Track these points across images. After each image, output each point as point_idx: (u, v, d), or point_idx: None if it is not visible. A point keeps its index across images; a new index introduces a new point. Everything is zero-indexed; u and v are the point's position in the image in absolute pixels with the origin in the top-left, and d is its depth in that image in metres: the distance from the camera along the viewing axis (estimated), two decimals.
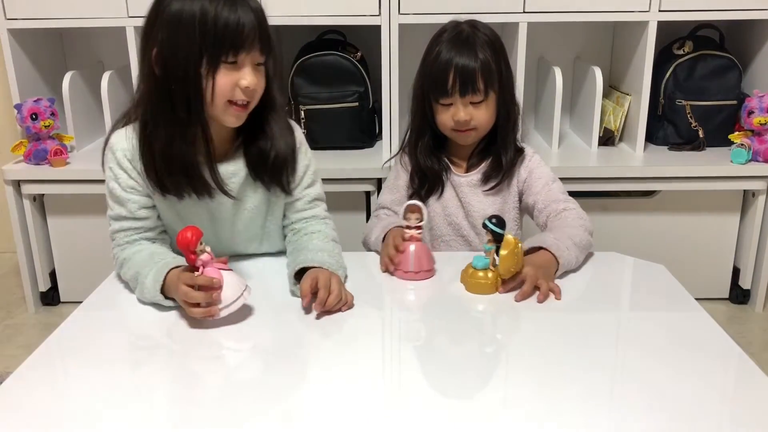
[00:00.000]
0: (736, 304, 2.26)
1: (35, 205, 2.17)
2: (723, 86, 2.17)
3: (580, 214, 1.36)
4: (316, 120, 2.18)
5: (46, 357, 1.00)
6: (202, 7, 1.11)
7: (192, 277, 1.06)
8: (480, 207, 1.44)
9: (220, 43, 1.12)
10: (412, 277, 1.23)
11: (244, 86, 1.16)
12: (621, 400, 0.87)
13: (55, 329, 1.06)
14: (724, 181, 2.08)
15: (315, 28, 2.30)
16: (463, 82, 1.34)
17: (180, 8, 1.12)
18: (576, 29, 2.36)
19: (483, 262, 1.17)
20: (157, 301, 1.12)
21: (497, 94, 1.37)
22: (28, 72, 2.22)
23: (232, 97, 1.16)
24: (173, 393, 0.91)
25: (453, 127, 1.38)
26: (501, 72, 1.37)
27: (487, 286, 1.16)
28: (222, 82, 1.15)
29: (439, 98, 1.37)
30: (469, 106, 1.36)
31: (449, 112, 1.37)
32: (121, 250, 1.23)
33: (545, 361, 0.96)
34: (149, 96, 1.18)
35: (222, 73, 1.14)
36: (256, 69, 1.17)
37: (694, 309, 1.13)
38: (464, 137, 1.41)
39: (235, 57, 1.14)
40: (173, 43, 1.13)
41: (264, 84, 1.20)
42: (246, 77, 1.15)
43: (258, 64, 1.17)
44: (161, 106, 1.16)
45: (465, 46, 1.35)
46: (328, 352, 1.00)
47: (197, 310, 1.06)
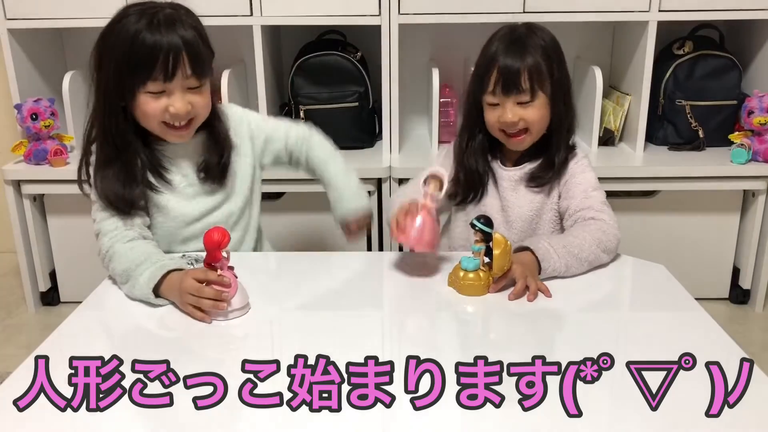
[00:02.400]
0: (736, 304, 2.26)
1: (35, 205, 2.17)
2: (723, 86, 2.17)
3: (604, 228, 1.27)
4: (316, 120, 2.17)
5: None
6: (126, 31, 1.14)
7: (204, 272, 1.06)
8: (518, 203, 1.39)
9: (137, 73, 1.14)
10: (411, 245, 1.20)
11: (172, 113, 1.17)
12: (620, 400, 0.87)
13: (55, 329, 1.06)
14: (724, 181, 2.08)
15: (315, 28, 2.30)
16: (506, 81, 1.29)
17: (108, 32, 1.16)
18: (576, 29, 2.36)
19: (473, 263, 1.15)
20: (148, 299, 1.12)
21: (549, 97, 1.32)
22: (28, 72, 2.22)
23: (164, 119, 1.18)
24: (173, 393, 0.91)
25: (501, 128, 1.33)
26: (552, 74, 1.32)
27: (480, 287, 1.15)
28: (148, 109, 1.17)
29: (483, 95, 1.33)
30: (516, 107, 1.30)
31: (496, 112, 1.32)
32: (112, 242, 1.22)
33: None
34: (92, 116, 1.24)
35: (144, 100, 1.16)
36: (189, 92, 1.17)
37: (694, 309, 1.12)
38: (517, 143, 1.34)
39: (159, 86, 1.15)
40: (100, 72, 1.18)
41: (206, 103, 1.22)
42: (174, 104, 1.16)
43: (192, 87, 1.18)
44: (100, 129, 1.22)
45: (514, 46, 1.31)
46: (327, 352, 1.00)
47: (206, 301, 1.05)
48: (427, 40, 2.39)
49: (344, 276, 1.29)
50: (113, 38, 1.15)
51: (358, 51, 2.24)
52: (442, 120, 2.21)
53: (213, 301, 1.05)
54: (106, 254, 1.22)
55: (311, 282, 1.24)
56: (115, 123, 1.20)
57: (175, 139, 1.22)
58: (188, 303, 1.07)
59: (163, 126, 1.20)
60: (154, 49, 1.12)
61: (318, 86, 2.18)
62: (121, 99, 1.18)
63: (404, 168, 2.06)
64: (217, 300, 1.05)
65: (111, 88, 1.17)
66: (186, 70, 1.15)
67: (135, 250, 1.19)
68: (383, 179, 2.07)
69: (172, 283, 1.11)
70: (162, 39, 1.12)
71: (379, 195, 2.10)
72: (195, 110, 1.20)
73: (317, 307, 1.18)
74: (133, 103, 1.18)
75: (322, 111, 2.17)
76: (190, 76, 1.16)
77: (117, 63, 1.15)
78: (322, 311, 1.17)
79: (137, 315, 1.12)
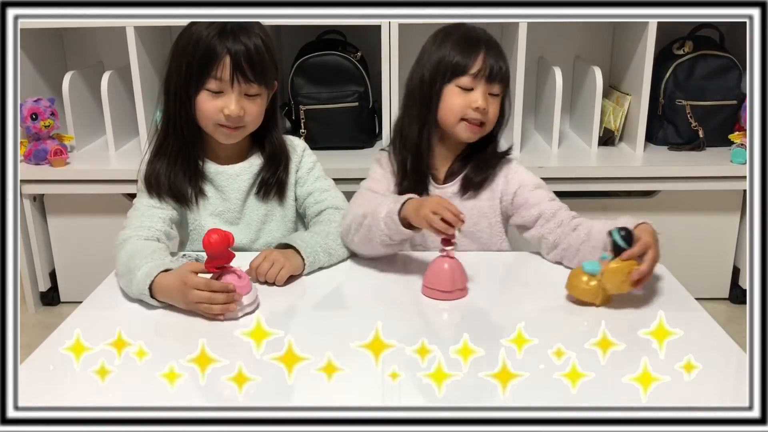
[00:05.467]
0: (736, 304, 2.26)
1: (35, 205, 2.17)
2: (723, 86, 2.17)
3: (576, 216, 1.30)
4: (316, 120, 2.18)
5: (46, 357, 0.99)
6: (198, 34, 1.20)
7: (208, 283, 1.06)
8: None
9: (201, 71, 1.20)
10: (446, 297, 1.15)
11: (226, 114, 1.23)
12: (620, 400, 0.87)
13: (55, 329, 1.06)
14: (724, 181, 2.07)
15: (315, 28, 2.30)
16: (491, 67, 1.28)
17: (181, 35, 1.24)
18: (576, 29, 2.36)
19: (593, 267, 1.10)
20: (143, 298, 1.11)
21: (503, 96, 1.34)
22: (28, 72, 2.22)
23: (218, 120, 1.24)
24: (173, 393, 0.91)
25: (464, 116, 1.30)
26: (509, 73, 1.34)
27: (586, 292, 1.10)
28: (205, 107, 1.24)
29: (455, 78, 1.29)
30: (488, 97, 1.30)
31: (467, 97, 1.29)
32: (130, 235, 1.25)
33: (543, 360, 0.96)
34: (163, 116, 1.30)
35: (204, 98, 1.23)
36: (245, 98, 1.23)
37: (694, 309, 1.13)
38: (473, 131, 1.32)
39: (218, 85, 1.21)
40: (170, 68, 1.25)
41: (258, 113, 1.27)
42: (229, 105, 1.22)
43: (250, 94, 1.24)
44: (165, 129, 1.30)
45: (494, 41, 1.33)
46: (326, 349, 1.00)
47: (216, 307, 1.06)
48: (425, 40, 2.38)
49: (344, 276, 1.28)
50: (185, 39, 1.23)
51: (358, 51, 2.24)
52: None
53: (224, 305, 1.06)
54: (119, 244, 1.24)
55: (311, 282, 1.24)
56: (183, 113, 1.26)
57: (223, 138, 1.28)
58: (198, 309, 1.08)
59: (216, 125, 1.26)
60: (218, 49, 1.19)
61: (318, 86, 2.18)
62: (186, 94, 1.24)
63: None
64: (229, 301, 1.06)
65: (180, 83, 1.24)
66: (246, 75, 1.21)
67: (146, 243, 1.23)
68: None
69: (168, 285, 1.10)
70: (227, 42, 1.20)
71: None
72: (246, 117, 1.25)
73: (317, 307, 1.18)
74: (195, 101, 1.24)
75: (322, 111, 2.17)
76: (248, 82, 1.22)
77: (186, 60, 1.22)
78: (322, 311, 1.17)
79: (138, 315, 1.12)
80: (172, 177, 1.30)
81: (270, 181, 1.35)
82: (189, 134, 1.28)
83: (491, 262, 1.35)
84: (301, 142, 1.44)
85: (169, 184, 1.30)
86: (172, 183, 1.30)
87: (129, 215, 1.31)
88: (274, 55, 1.28)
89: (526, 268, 1.34)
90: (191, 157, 1.31)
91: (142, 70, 2.09)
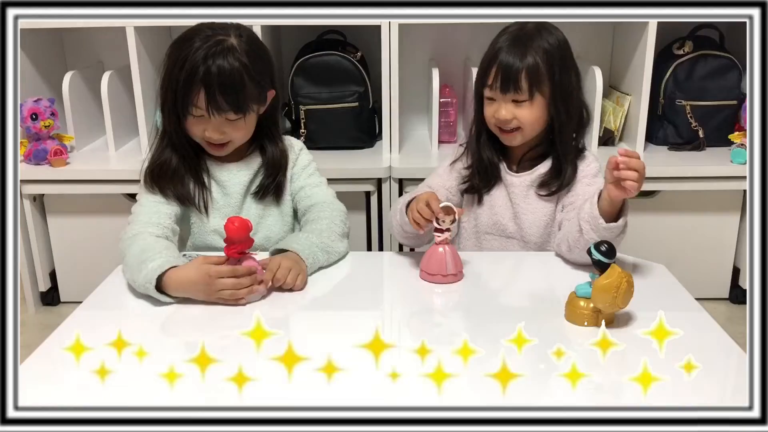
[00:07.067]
0: (736, 304, 2.26)
1: (35, 205, 2.17)
2: (723, 86, 2.17)
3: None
4: (316, 120, 2.18)
5: (46, 357, 0.99)
6: (183, 58, 1.22)
7: (233, 270, 1.11)
8: (530, 209, 1.38)
9: (183, 99, 1.24)
10: (440, 281, 1.20)
11: (207, 137, 1.28)
12: (620, 400, 0.87)
13: (55, 329, 1.06)
14: (724, 181, 2.07)
15: (315, 28, 2.30)
16: (504, 79, 1.29)
17: (171, 53, 1.26)
18: (576, 29, 2.35)
19: (583, 290, 1.07)
20: (148, 289, 1.12)
21: (547, 99, 1.31)
22: (28, 72, 2.22)
23: (204, 139, 1.29)
24: (173, 393, 0.91)
25: (495, 124, 1.34)
26: (553, 77, 1.30)
27: (582, 316, 1.07)
28: (192, 129, 1.29)
29: (482, 89, 1.34)
30: (511, 105, 1.30)
31: (492, 107, 1.33)
32: (139, 230, 1.25)
33: (543, 360, 0.96)
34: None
35: (190, 121, 1.27)
36: (226, 122, 1.26)
37: (694, 309, 1.13)
38: (509, 138, 1.35)
39: (199, 111, 1.24)
40: (162, 85, 1.29)
41: (244, 132, 1.31)
42: (208, 130, 1.27)
43: (230, 119, 1.26)
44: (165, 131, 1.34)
45: (517, 44, 1.30)
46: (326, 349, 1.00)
47: (242, 291, 1.11)
48: (427, 40, 2.39)
49: (344, 276, 1.29)
50: (171, 61, 1.26)
51: (358, 51, 2.24)
52: (442, 120, 2.21)
53: (249, 287, 1.12)
54: (129, 238, 1.24)
55: (311, 282, 1.24)
56: (177, 127, 1.30)
57: (213, 152, 1.34)
58: (222, 297, 1.11)
59: (204, 142, 1.31)
60: (195, 79, 1.22)
61: (318, 86, 2.18)
62: (176, 115, 1.28)
63: (404, 168, 2.06)
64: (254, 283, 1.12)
65: (170, 104, 1.27)
66: (220, 107, 1.23)
67: (158, 239, 1.24)
68: (383, 179, 2.07)
69: (186, 278, 1.12)
70: (204, 72, 1.21)
71: (379, 195, 2.10)
72: (229, 137, 1.30)
73: (317, 307, 1.18)
74: (184, 121, 1.28)
75: (322, 111, 2.17)
76: (223, 112, 1.24)
77: (172, 86, 1.25)
78: (322, 311, 1.17)
79: (138, 315, 1.12)
80: (174, 171, 1.33)
81: (269, 187, 1.38)
82: (186, 142, 1.33)
83: (491, 261, 1.36)
84: (299, 142, 1.47)
85: (171, 177, 1.32)
86: (175, 176, 1.32)
87: (134, 211, 1.31)
88: (260, 76, 1.28)
89: (527, 268, 1.35)
90: (192, 155, 1.34)
91: (142, 70, 2.09)
